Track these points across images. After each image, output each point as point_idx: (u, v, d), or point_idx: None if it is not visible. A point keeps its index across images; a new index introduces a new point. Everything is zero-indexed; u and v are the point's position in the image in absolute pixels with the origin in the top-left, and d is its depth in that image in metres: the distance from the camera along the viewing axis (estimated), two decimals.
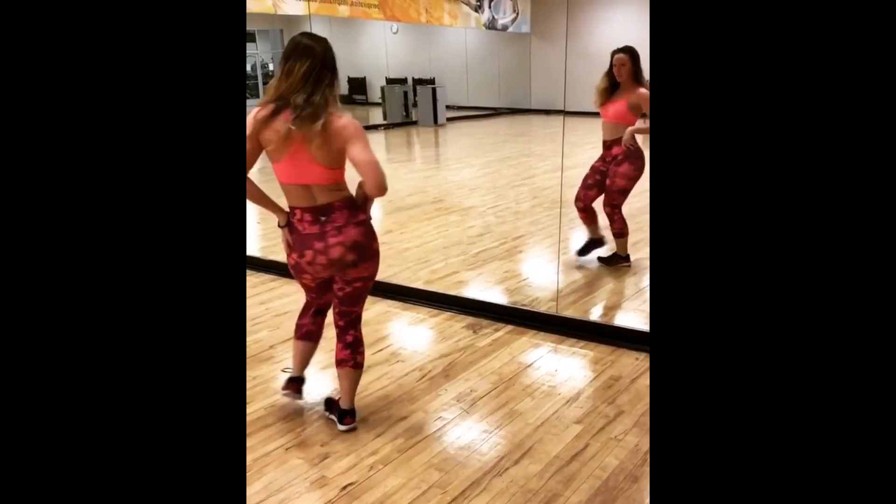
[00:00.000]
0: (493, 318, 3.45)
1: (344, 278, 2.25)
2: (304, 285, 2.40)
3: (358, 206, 2.19)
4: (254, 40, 20.80)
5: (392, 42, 18.66)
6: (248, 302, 3.77)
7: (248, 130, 2.07)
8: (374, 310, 3.63)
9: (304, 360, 2.56)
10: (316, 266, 2.20)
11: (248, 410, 2.57)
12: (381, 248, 2.32)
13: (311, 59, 2.04)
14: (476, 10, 13.84)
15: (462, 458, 2.25)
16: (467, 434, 2.39)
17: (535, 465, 2.20)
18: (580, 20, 11.91)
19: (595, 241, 4.27)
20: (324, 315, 2.54)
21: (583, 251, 4.30)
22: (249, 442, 2.36)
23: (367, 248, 2.18)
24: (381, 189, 2.07)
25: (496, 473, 2.16)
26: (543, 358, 3.00)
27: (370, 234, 2.20)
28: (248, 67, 20.36)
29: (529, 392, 2.68)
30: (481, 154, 10.21)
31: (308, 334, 2.52)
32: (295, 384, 2.55)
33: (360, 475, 2.16)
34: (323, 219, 2.14)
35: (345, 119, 2.07)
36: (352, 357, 2.37)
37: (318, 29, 2.43)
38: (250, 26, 19.97)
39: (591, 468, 2.18)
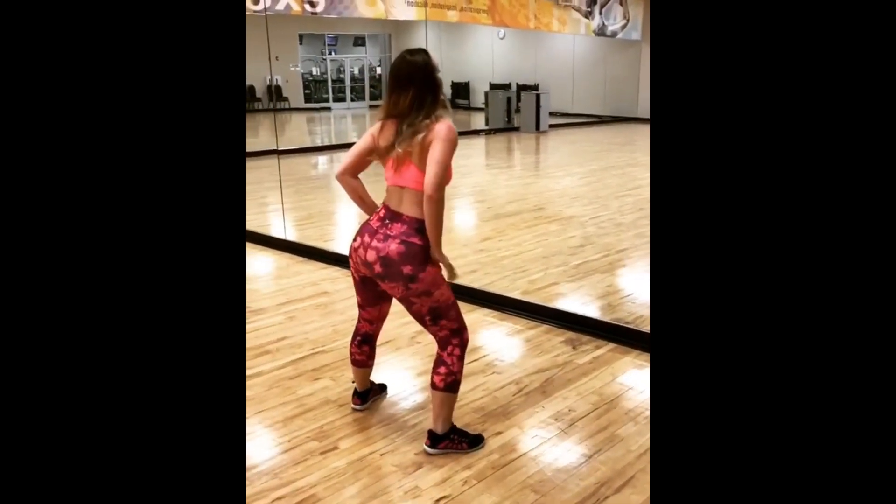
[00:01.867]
0: (593, 334, 3.33)
1: (393, 292, 2.21)
2: (353, 277, 2.35)
3: (421, 231, 2.13)
4: (363, 44, 21.41)
5: (498, 47, 18.67)
6: (350, 302, 3.82)
7: (365, 141, 2.25)
8: (469, 318, 3.59)
9: (361, 381, 2.60)
10: (357, 256, 2.21)
11: (344, 413, 2.59)
12: (478, 255, 2.28)
13: (412, 87, 2.10)
14: (586, 17, 13.58)
15: (559, 480, 2.16)
16: (565, 456, 2.30)
17: (638, 496, 2.08)
18: None
19: None
20: (370, 345, 2.51)
21: None
22: (345, 444, 2.37)
23: (394, 266, 2.11)
24: (432, 188, 2.03)
25: (596, 501, 2.06)
26: (648, 381, 2.85)
27: (407, 257, 2.10)
28: (356, 70, 20.97)
29: (632, 416, 2.55)
30: (584, 162, 9.99)
31: (357, 362, 2.54)
32: (358, 397, 2.62)
33: (454, 489, 2.11)
34: (387, 221, 2.17)
35: (444, 122, 2.11)
36: (432, 375, 2.28)
37: (429, 34, 2.46)
38: (361, 31, 20.58)
39: None
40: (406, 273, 2.11)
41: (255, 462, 2.26)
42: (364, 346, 2.51)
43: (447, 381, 2.23)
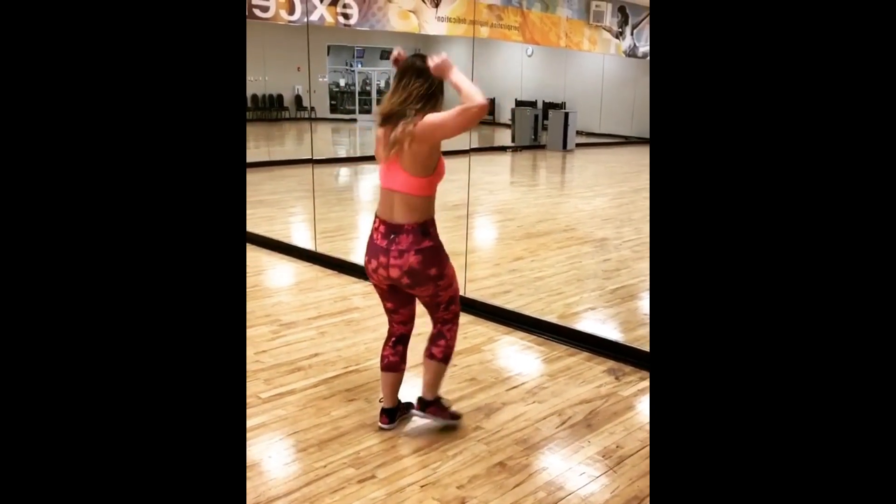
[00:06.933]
0: (636, 364, 3.20)
1: (424, 293, 2.34)
2: (375, 287, 2.43)
3: (426, 233, 2.23)
4: (388, 58, 21.50)
5: (526, 64, 18.63)
6: (382, 320, 3.72)
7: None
8: (505, 340, 3.48)
9: (391, 391, 2.52)
10: (379, 276, 2.32)
11: (380, 438, 2.48)
12: (511, 275, 2.28)
13: (427, 80, 2.18)
14: (617, 37, 13.50)
15: None
16: (617, 499, 2.17)
17: None
18: None
19: None
20: (404, 345, 2.51)
21: None
22: (383, 472, 2.26)
23: (420, 275, 2.25)
24: (476, 105, 2.07)
25: None
26: None
27: (428, 262, 2.24)
28: (383, 83, 21.02)
29: None
30: (613, 183, 9.87)
31: (389, 365, 2.49)
32: (385, 415, 2.53)
33: None
34: (392, 236, 2.23)
35: (427, 116, 2.14)
36: (429, 347, 2.45)
37: (459, 49, 2.49)
38: (389, 44, 20.66)
39: None
40: (433, 275, 2.27)
41: (292, 488, 2.16)
42: (398, 346, 2.50)
43: (446, 352, 2.43)
